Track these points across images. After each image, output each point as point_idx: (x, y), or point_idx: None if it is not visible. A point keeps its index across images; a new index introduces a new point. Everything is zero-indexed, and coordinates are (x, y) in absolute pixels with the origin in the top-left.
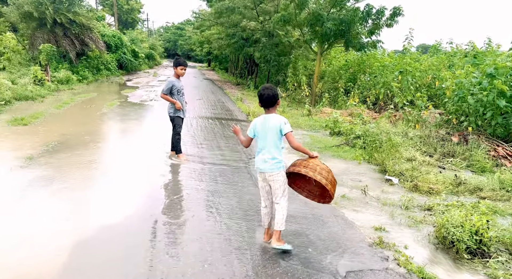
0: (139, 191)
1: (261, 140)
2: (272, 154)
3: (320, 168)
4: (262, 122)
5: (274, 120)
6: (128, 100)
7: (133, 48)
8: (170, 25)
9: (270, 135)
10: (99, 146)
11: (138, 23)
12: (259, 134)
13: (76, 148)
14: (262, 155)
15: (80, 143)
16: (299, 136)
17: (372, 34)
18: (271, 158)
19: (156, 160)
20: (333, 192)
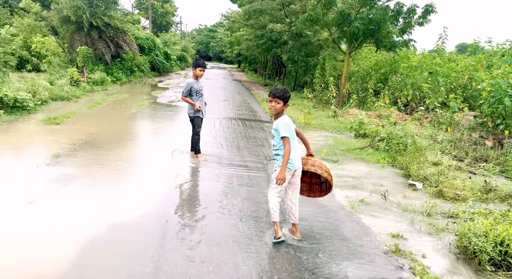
0: (155, 190)
1: (292, 139)
2: (297, 151)
3: (318, 164)
4: (291, 122)
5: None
6: (157, 100)
7: (165, 50)
8: (203, 28)
9: (294, 132)
10: (124, 146)
11: (172, 25)
12: (291, 134)
13: (102, 147)
14: (296, 153)
15: (106, 143)
16: (322, 138)
17: (404, 33)
18: (300, 154)
19: (175, 159)
20: (331, 179)
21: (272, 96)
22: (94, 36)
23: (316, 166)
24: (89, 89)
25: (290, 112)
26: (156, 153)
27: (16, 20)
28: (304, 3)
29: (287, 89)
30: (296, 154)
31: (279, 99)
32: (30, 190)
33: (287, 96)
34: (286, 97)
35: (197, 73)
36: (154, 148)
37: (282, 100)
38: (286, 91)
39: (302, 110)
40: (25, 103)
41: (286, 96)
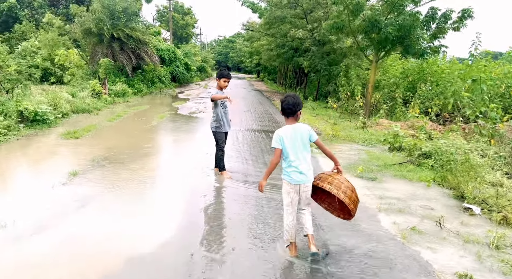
0: (177, 215)
1: (293, 150)
2: (307, 163)
3: (345, 187)
4: (291, 132)
5: (301, 128)
6: (178, 112)
7: (186, 61)
8: (222, 39)
9: (300, 144)
10: (143, 162)
11: (192, 37)
12: (289, 145)
13: (120, 164)
14: (298, 166)
15: (125, 159)
16: (353, 152)
17: (435, 39)
18: (307, 168)
19: (199, 177)
20: (355, 211)
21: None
22: (116, 48)
23: (334, 184)
24: (110, 101)
25: (315, 123)
26: (178, 170)
27: (41, 34)
28: (327, 10)
29: (295, 98)
30: (300, 168)
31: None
32: (39, 217)
33: (297, 109)
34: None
35: (221, 84)
36: (176, 165)
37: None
38: (295, 104)
39: (328, 120)
40: (45, 116)
41: (297, 109)
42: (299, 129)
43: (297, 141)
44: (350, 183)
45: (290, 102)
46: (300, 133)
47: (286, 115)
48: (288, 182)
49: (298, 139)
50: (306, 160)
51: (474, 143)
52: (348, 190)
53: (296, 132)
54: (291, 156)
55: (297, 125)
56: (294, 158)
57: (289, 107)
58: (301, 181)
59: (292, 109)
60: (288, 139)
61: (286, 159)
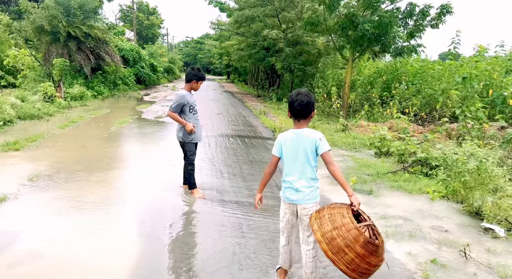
0: (133, 253)
1: (290, 161)
2: (307, 180)
3: (353, 238)
4: (293, 139)
5: (307, 135)
6: (142, 116)
7: (151, 62)
8: (190, 40)
9: (303, 155)
10: (93, 181)
11: (158, 38)
12: (287, 154)
13: (64, 184)
14: (292, 182)
15: (71, 177)
16: (338, 158)
17: (412, 37)
18: (306, 185)
19: (164, 198)
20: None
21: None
22: (72, 47)
23: (335, 236)
24: (65, 105)
25: (291, 125)
26: (137, 190)
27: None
28: (299, 9)
29: (309, 96)
30: (296, 184)
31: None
32: None
33: (311, 109)
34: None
35: (195, 86)
36: (135, 183)
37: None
38: (310, 103)
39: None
40: None
41: (311, 109)
42: (304, 136)
43: (299, 150)
44: (364, 229)
45: (304, 101)
46: (304, 141)
47: (297, 117)
48: (282, 199)
49: (300, 148)
50: (307, 176)
51: (468, 146)
52: (357, 247)
53: (299, 139)
54: (286, 168)
55: (303, 130)
56: (290, 170)
57: (303, 108)
58: (296, 200)
59: (306, 110)
60: (287, 146)
61: (283, 171)
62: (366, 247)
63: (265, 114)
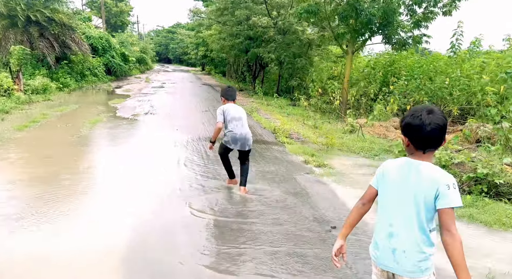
0: None
1: (391, 207)
2: (415, 241)
3: None
4: (405, 174)
5: (429, 174)
6: (118, 114)
7: (122, 51)
8: (161, 29)
9: (413, 202)
10: (64, 209)
11: (128, 26)
12: (390, 195)
13: (19, 213)
14: (390, 239)
15: (29, 204)
16: (364, 170)
17: (419, 27)
18: (411, 249)
19: (157, 231)
20: None
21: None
22: (34, 34)
23: None
24: (25, 100)
25: (291, 126)
26: (117, 230)
27: None
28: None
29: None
30: (392, 241)
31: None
32: None
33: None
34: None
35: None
36: (115, 218)
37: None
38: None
39: (305, 122)
40: None
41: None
42: (424, 174)
43: (409, 193)
44: None
45: (440, 125)
46: (425, 182)
47: (424, 147)
48: (373, 259)
49: (412, 189)
50: (414, 234)
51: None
52: None
53: (413, 175)
54: (384, 216)
55: (424, 164)
56: (390, 221)
57: (438, 135)
58: (393, 268)
59: (441, 137)
60: (396, 182)
61: (378, 216)
62: None
63: (257, 111)
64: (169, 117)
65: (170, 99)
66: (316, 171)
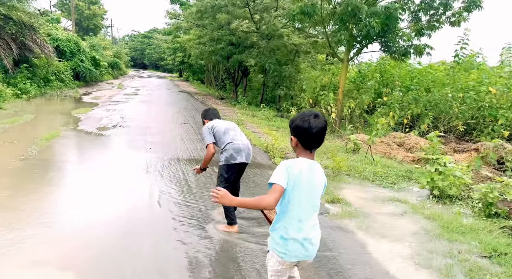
0: None
1: (302, 204)
2: (317, 228)
3: None
4: (308, 174)
5: (320, 170)
6: (79, 127)
7: (93, 55)
8: (136, 34)
9: (315, 196)
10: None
11: (101, 29)
12: (301, 191)
13: None
14: (300, 231)
15: None
16: (389, 206)
17: (421, 36)
18: (315, 235)
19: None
20: None
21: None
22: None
23: None
24: None
25: (282, 142)
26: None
27: None
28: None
29: (325, 120)
30: (311, 234)
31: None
32: None
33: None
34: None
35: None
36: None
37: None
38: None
39: None
40: None
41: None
42: (318, 171)
43: (314, 189)
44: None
45: (323, 128)
46: (318, 177)
47: (311, 147)
48: (279, 255)
49: (315, 185)
50: (317, 221)
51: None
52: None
53: (313, 175)
54: (294, 211)
55: (315, 163)
56: (301, 215)
57: (322, 135)
58: (307, 256)
59: (323, 137)
60: (303, 181)
61: (281, 213)
62: None
63: (243, 123)
64: (141, 131)
65: (144, 109)
66: (331, 209)
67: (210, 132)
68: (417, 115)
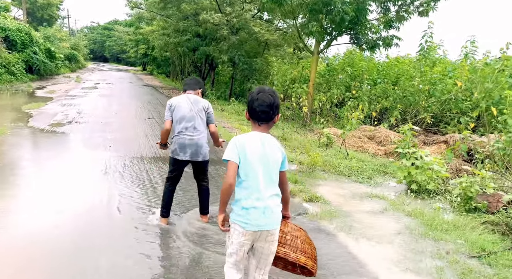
0: None
1: (254, 173)
2: (277, 195)
3: (301, 242)
4: (260, 147)
5: (274, 144)
6: (31, 123)
7: (48, 46)
8: (96, 25)
9: (272, 166)
10: None
11: (57, 20)
12: (253, 163)
13: None
14: (259, 200)
15: None
16: (368, 203)
17: (390, 27)
18: (275, 203)
19: None
20: (316, 268)
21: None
22: None
23: (288, 244)
24: None
25: None
26: None
27: None
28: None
29: (273, 96)
30: (268, 202)
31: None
32: None
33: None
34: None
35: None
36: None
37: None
38: (274, 105)
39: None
40: None
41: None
42: (272, 144)
43: (269, 159)
44: (303, 231)
45: (266, 102)
46: (273, 150)
47: (258, 120)
48: (241, 226)
49: (269, 156)
50: (276, 192)
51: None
52: (306, 246)
53: (266, 145)
54: (248, 182)
55: (268, 136)
56: (257, 185)
57: (264, 110)
58: (266, 224)
59: (268, 112)
60: (254, 155)
61: (241, 186)
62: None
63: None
64: (100, 128)
65: (104, 103)
66: (309, 209)
67: (168, 109)
68: (385, 108)
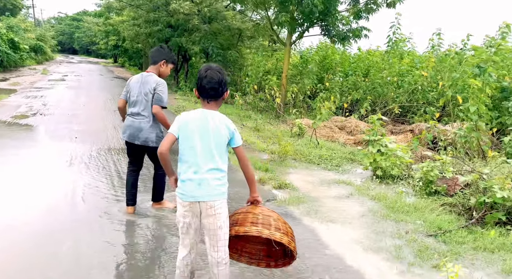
0: None
1: (193, 147)
2: (217, 169)
3: (274, 220)
4: (200, 120)
5: (221, 120)
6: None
7: (11, 37)
8: (64, 16)
9: (213, 142)
10: None
11: (21, 10)
12: (192, 137)
13: None
14: (196, 173)
15: None
16: (335, 189)
17: (359, 18)
18: (214, 177)
19: None
20: (296, 250)
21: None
22: None
23: (260, 223)
24: None
25: None
26: None
27: None
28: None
29: (220, 73)
30: (201, 174)
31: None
32: None
33: (224, 89)
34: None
35: (166, 71)
36: None
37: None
38: (221, 82)
39: (244, 124)
40: None
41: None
42: (218, 120)
43: (209, 135)
44: (275, 213)
45: (214, 79)
46: (218, 126)
47: (206, 97)
48: (179, 197)
49: (210, 132)
50: (217, 166)
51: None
52: (280, 223)
53: (207, 122)
54: (187, 155)
55: (215, 113)
56: (194, 158)
57: (213, 86)
58: (200, 196)
59: (217, 90)
60: (194, 129)
61: (181, 160)
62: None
63: (185, 110)
64: (67, 119)
65: (71, 95)
66: (278, 195)
67: (125, 87)
68: (356, 100)
